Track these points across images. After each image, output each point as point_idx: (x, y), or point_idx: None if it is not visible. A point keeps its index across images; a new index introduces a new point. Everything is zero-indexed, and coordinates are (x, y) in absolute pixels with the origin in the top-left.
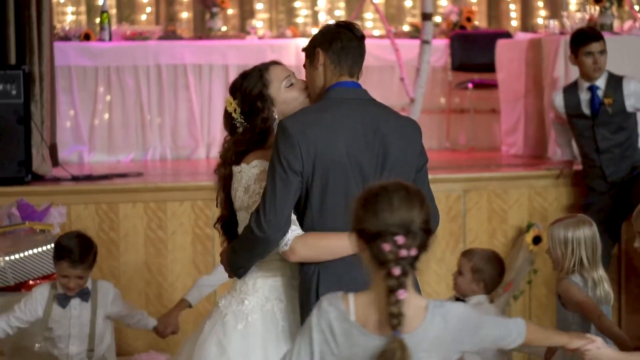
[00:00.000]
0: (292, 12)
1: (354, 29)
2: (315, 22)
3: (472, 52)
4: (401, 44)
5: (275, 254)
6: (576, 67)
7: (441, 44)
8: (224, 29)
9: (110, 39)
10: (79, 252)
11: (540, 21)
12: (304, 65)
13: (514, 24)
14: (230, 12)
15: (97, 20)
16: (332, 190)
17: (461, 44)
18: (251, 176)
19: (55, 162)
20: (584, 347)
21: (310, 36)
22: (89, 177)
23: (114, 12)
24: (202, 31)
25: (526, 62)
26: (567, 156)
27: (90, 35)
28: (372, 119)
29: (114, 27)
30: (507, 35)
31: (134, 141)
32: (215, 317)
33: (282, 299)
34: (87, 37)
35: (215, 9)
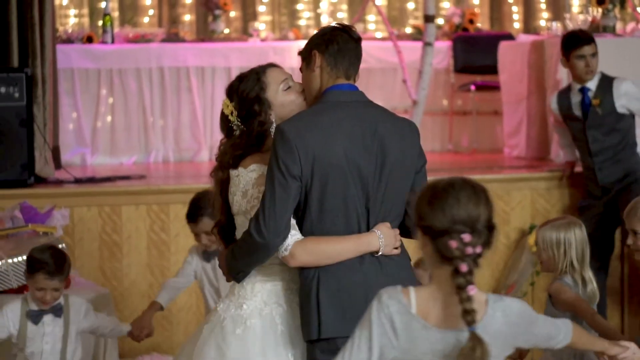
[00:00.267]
0: (294, 15)
1: (350, 31)
2: (317, 25)
3: (475, 54)
4: (404, 46)
5: (274, 258)
6: None
7: (443, 46)
8: (227, 31)
9: (112, 42)
10: (54, 263)
11: (542, 23)
12: (301, 68)
13: (517, 26)
14: (232, 14)
15: (100, 22)
16: (331, 193)
17: (463, 46)
18: (249, 180)
19: (58, 165)
20: (621, 356)
21: None
22: (92, 180)
23: (116, 14)
24: (205, 34)
25: (529, 64)
26: (569, 157)
27: (92, 37)
28: (370, 121)
29: (117, 29)
30: (509, 37)
31: (137, 143)
32: (213, 322)
33: (281, 303)
34: (89, 39)
35: (217, 12)
